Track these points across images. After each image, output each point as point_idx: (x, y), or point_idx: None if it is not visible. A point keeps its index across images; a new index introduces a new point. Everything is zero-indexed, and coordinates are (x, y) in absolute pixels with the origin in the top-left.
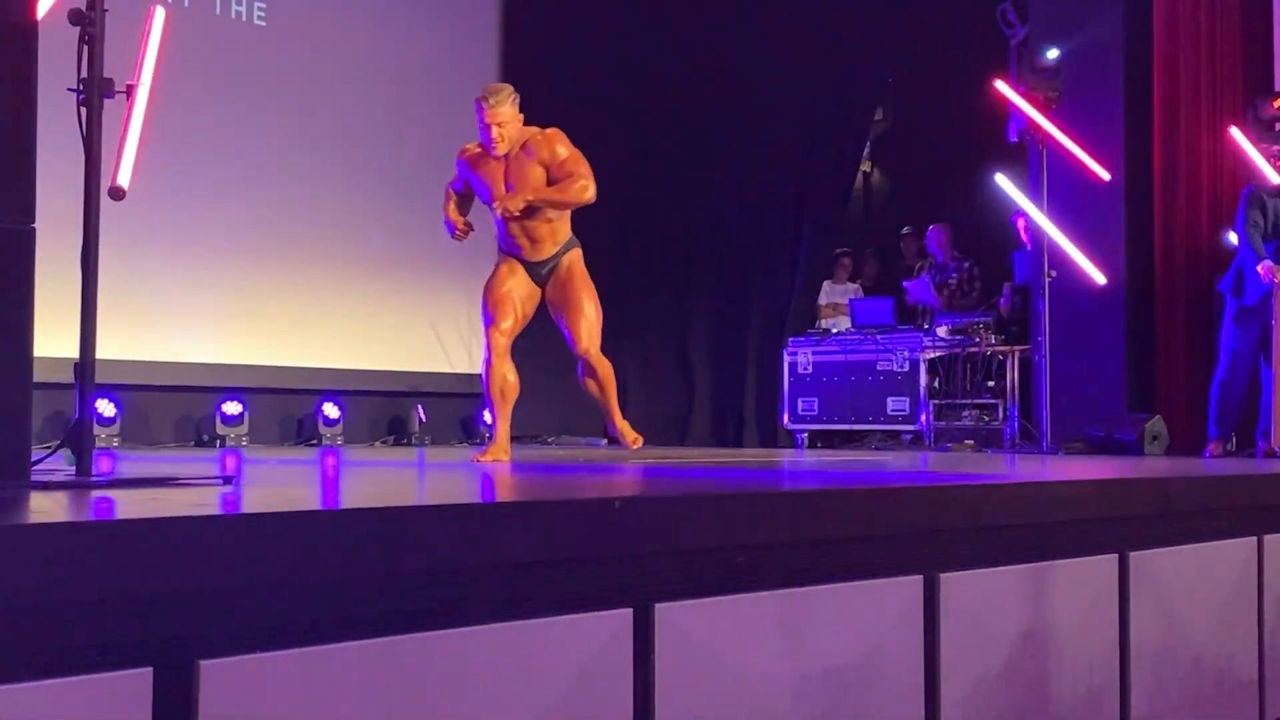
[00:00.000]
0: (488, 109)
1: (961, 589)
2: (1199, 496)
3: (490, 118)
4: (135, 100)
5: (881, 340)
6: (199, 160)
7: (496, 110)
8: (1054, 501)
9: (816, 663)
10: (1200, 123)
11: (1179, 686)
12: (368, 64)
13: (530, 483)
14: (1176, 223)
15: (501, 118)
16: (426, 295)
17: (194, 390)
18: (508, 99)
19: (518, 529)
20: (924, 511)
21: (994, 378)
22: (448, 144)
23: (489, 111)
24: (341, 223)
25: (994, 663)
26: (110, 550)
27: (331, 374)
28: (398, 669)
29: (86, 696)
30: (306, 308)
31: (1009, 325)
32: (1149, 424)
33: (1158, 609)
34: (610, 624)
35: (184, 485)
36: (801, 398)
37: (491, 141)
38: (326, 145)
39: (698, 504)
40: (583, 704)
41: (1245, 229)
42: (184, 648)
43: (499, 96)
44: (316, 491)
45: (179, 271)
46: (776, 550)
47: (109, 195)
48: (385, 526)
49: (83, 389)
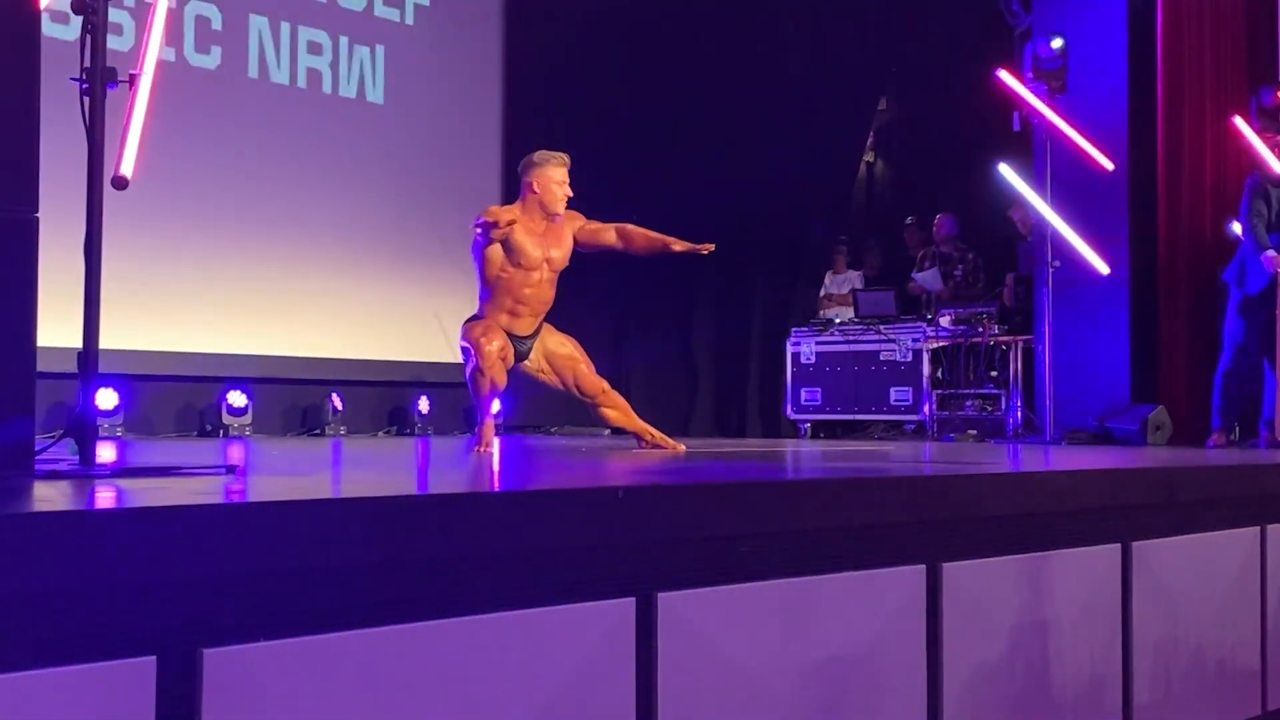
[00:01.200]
0: (564, 173)
1: (964, 579)
2: (1202, 486)
3: (565, 179)
4: (138, 89)
5: (885, 330)
6: (203, 150)
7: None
8: (1056, 491)
9: (819, 652)
10: (1204, 112)
11: (1181, 676)
12: (374, 56)
13: (533, 472)
14: (1180, 212)
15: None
16: (430, 285)
17: (197, 380)
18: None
19: (520, 518)
20: (927, 501)
21: (997, 368)
22: (454, 134)
23: (565, 174)
24: (345, 212)
25: (996, 652)
26: (113, 539)
27: (335, 364)
28: (401, 658)
29: (90, 685)
30: (310, 298)
31: (1012, 315)
32: (1152, 414)
33: (1160, 599)
34: (613, 613)
35: (187, 474)
36: (804, 388)
37: (561, 201)
38: (332, 135)
39: (701, 493)
40: (585, 693)
41: (1249, 219)
42: (188, 636)
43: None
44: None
45: (182, 261)
46: (779, 539)
47: (112, 184)
48: (388, 515)
49: (86, 379)
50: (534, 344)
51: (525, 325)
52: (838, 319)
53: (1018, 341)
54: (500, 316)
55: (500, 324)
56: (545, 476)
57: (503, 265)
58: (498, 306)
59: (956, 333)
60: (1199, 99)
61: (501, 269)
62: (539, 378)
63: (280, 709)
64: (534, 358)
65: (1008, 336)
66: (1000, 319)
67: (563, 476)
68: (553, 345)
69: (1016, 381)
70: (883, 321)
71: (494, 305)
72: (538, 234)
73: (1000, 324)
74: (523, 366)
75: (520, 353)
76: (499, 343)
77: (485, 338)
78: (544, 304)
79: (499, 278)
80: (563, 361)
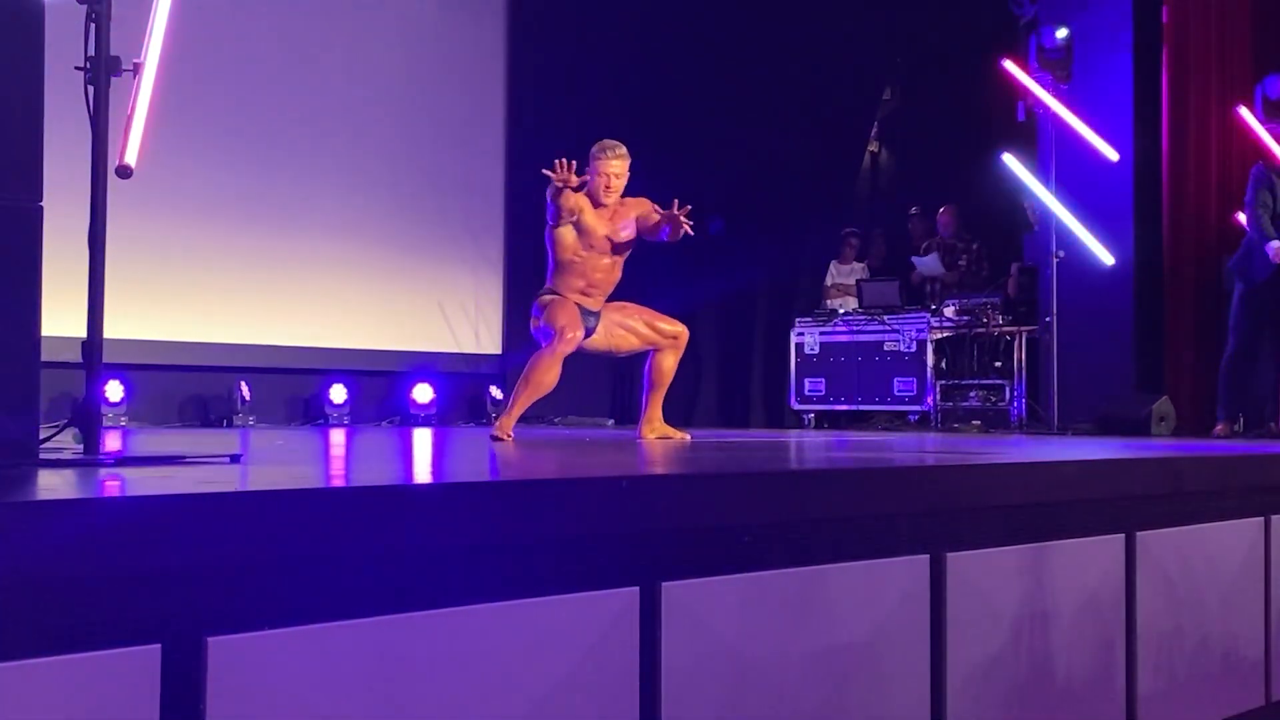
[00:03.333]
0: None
1: (968, 569)
2: (1206, 477)
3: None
4: (142, 78)
5: (888, 321)
6: (207, 140)
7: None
8: (1061, 482)
9: (823, 641)
10: (1209, 102)
11: (1185, 666)
12: (377, 44)
13: (538, 461)
14: (1185, 203)
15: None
16: (433, 275)
17: (202, 370)
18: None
19: (525, 507)
20: (930, 491)
21: (1001, 358)
22: (456, 122)
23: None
24: (349, 203)
25: (1000, 642)
26: (118, 527)
27: (338, 354)
28: (405, 646)
29: (96, 673)
30: (314, 288)
31: (1017, 306)
32: (1157, 404)
33: (1164, 589)
34: (617, 602)
35: (191, 463)
36: (808, 378)
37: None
38: (335, 125)
39: (705, 483)
40: (589, 682)
41: (1254, 209)
42: (192, 624)
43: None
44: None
45: (187, 251)
46: (783, 529)
47: (116, 174)
48: (392, 504)
49: (90, 368)
50: (600, 319)
51: (595, 302)
52: (842, 309)
53: (1022, 332)
54: (573, 295)
55: (574, 301)
56: (550, 466)
57: (575, 249)
58: (569, 287)
59: (960, 323)
60: (1204, 89)
61: (575, 253)
62: (610, 347)
63: (285, 696)
64: (601, 332)
65: (1012, 327)
66: (1004, 309)
67: (567, 466)
68: (614, 312)
69: (1021, 372)
70: (887, 312)
71: (566, 285)
72: (605, 218)
73: (1004, 314)
74: (588, 345)
75: (589, 329)
76: (579, 334)
77: (570, 327)
78: (613, 285)
79: (572, 262)
80: (632, 313)
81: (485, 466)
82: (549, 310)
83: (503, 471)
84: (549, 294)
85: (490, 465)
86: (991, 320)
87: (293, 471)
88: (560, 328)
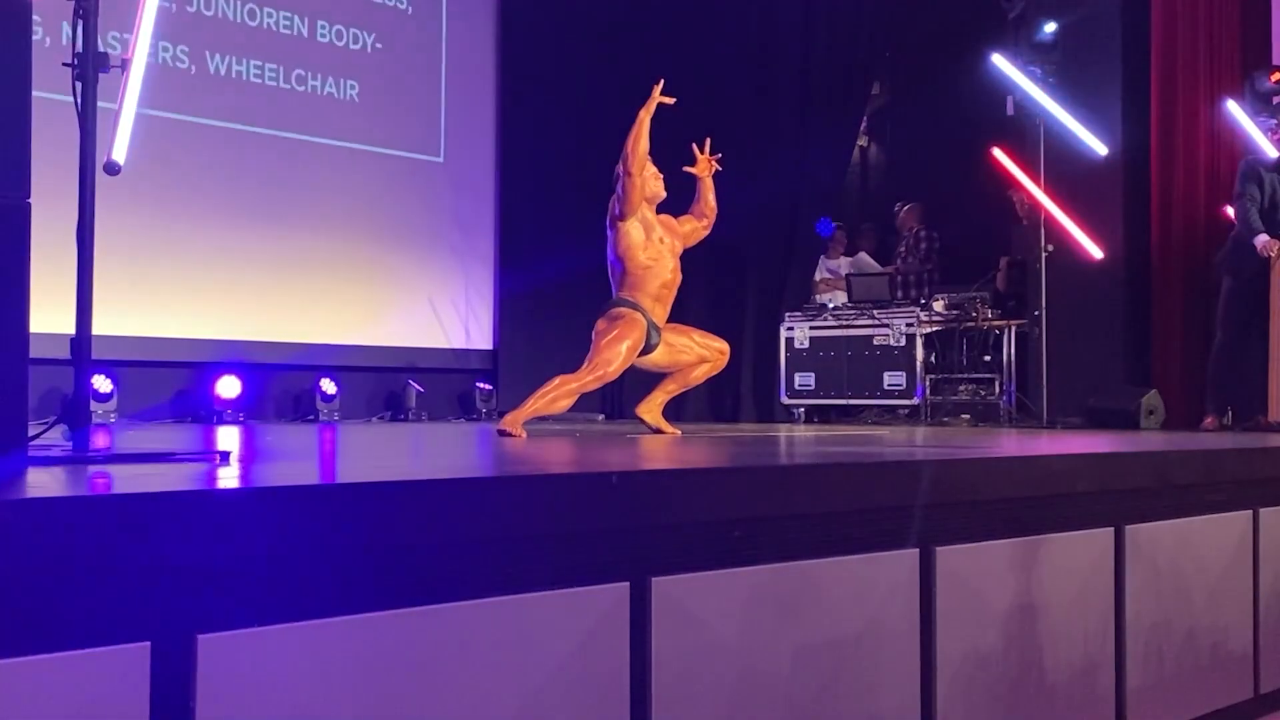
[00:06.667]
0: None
1: (957, 563)
2: (1195, 470)
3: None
4: (130, 74)
5: (878, 315)
6: (195, 135)
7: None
8: (1050, 475)
9: (812, 636)
10: (1198, 96)
11: (1174, 660)
12: (367, 38)
13: (528, 456)
14: (1174, 196)
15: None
16: (423, 271)
17: (190, 366)
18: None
19: (515, 503)
20: (920, 485)
21: (990, 352)
22: (447, 118)
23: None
24: (339, 198)
25: (990, 636)
26: (107, 525)
27: (328, 350)
28: (395, 643)
29: (85, 671)
30: (303, 284)
31: (1006, 300)
32: (1145, 398)
33: (1153, 582)
34: (607, 598)
35: (180, 460)
36: (798, 373)
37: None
38: (325, 120)
39: (695, 478)
40: (580, 677)
41: (1242, 202)
42: (182, 622)
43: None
44: (313, 466)
45: (175, 247)
46: (773, 524)
47: (104, 170)
48: (382, 501)
49: (79, 365)
50: (661, 336)
51: (664, 310)
52: (831, 303)
53: (1011, 326)
54: (647, 302)
55: (646, 316)
56: (540, 461)
57: (646, 251)
58: (645, 293)
59: (950, 317)
60: (1192, 83)
61: (647, 257)
62: (671, 363)
63: (275, 694)
64: (662, 349)
65: (1001, 321)
66: (993, 303)
67: (557, 461)
68: (669, 332)
69: (1010, 366)
70: (876, 306)
71: (642, 292)
72: (660, 219)
73: (993, 308)
74: (648, 363)
75: (650, 345)
76: (611, 374)
77: (634, 344)
78: (676, 288)
79: (648, 267)
80: (682, 331)
81: (474, 462)
82: (621, 327)
83: (492, 467)
84: (623, 305)
85: (480, 460)
86: (981, 314)
87: (281, 469)
88: (606, 358)
